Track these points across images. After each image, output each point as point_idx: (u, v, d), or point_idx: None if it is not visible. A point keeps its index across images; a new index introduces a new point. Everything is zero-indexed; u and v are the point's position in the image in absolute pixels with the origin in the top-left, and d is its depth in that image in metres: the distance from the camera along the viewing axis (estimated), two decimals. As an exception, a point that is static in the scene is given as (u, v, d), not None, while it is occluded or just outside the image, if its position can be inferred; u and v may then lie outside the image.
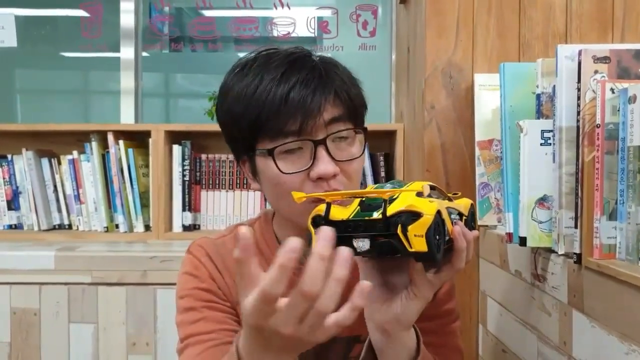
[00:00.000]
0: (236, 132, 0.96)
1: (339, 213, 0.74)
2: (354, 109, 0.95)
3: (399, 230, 0.69)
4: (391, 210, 0.70)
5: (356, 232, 0.72)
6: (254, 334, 0.71)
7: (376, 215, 0.71)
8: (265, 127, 0.90)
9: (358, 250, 0.72)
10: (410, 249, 0.71)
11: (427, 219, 0.70)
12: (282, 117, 0.88)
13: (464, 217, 0.89)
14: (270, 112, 0.89)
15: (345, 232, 0.72)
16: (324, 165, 0.89)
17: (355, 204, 0.75)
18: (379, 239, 0.72)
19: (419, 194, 0.75)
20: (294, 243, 0.63)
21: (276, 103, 0.88)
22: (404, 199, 0.72)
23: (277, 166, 0.91)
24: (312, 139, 0.90)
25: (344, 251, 0.65)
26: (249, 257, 0.65)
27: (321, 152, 0.90)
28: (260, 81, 0.91)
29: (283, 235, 1.06)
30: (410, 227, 0.69)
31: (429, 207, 0.71)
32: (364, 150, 1.00)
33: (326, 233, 0.65)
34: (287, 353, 0.72)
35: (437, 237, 0.73)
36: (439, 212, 0.73)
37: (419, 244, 0.70)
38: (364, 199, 0.75)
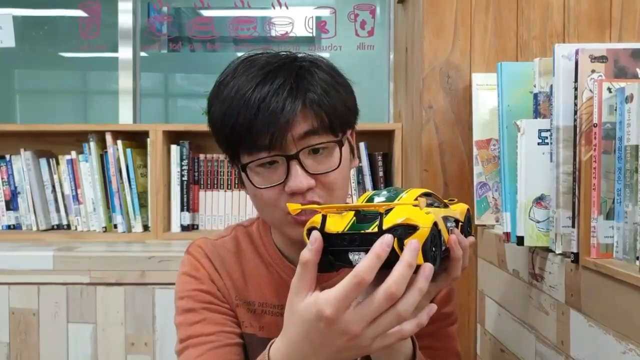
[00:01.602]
0: (220, 144, 0.96)
1: (335, 225, 0.73)
2: (331, 119, 0.91)
3: (395, 245, 0.69)
4: (387, 223, 0.70)
5: (352, 245, 0.72)
6: (312, 332, 0.72)
7: (372, 228, 0.71)
8: (240, 142, 0.90)
9: (354, 264, 0.72)
10: None
11: (424, 231, 0.70)
12: (254, 132, 0.87)
13: (460, 223, 0.89)
14: (242, 128, 0.88)
15: (341, 246, 0.72)
16: (297, 180, 0.88)
17: (350, 215, 0.74)
18: None
19: (416, 205, 0.75)
20: (388, 238, 0.68)
21: (247, 118, 0.87)
22: (400, 211, 0.71)
23: (250, 181, 0.92)
24: (284, 154, 0.89)
25: (428, 266, 0.70)
26: (317, 260, 0.71)
27: (294, 166, 0.89)
28: (236, 94, 0.90)
29: (278, 239, 1.06)
30: (406, 241, 0.69)
31: (425, 220, 0.71)
32: (354, 154, 1.00)
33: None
34: (337, 357, 0.74)
35: (434, 248, 0.73)
36: (435, 224, 0.73)
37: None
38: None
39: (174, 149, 2.20)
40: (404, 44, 1.96)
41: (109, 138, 2.16)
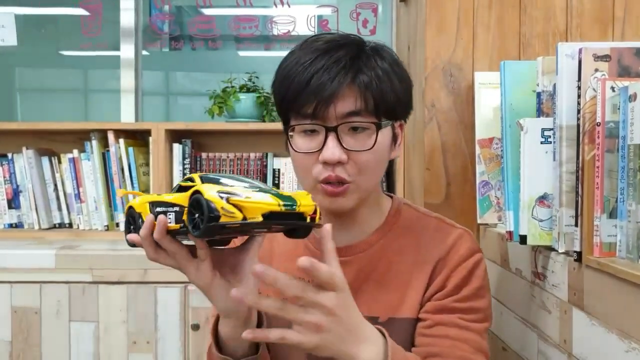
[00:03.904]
0: (276, 108, 1.04)
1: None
2: (377, 103, 0.96)
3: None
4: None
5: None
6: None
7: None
8: (289, 106, 0.98)
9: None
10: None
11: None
12: (302, 100, 0.95)
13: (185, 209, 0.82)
14: (293, 94, 0.96)
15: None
16: (329, 150, 0.95)
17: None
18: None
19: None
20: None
21: (299, 86, 0.95)
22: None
23: (290, 143, 1.00)
24: (325, 125, 0.95)
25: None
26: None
27: (330, 138, 0.95)
28: (296, 63, 0.97)
29: None
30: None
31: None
32: (396, 144, 1.06)
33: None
34: None
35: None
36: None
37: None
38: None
39: (176, 147, 2.19)
40: (406, 43, 1.95)
41: (111, 136, 2.16)
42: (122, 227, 2.18)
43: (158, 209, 0.83)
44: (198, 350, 1.79)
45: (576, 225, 0.95)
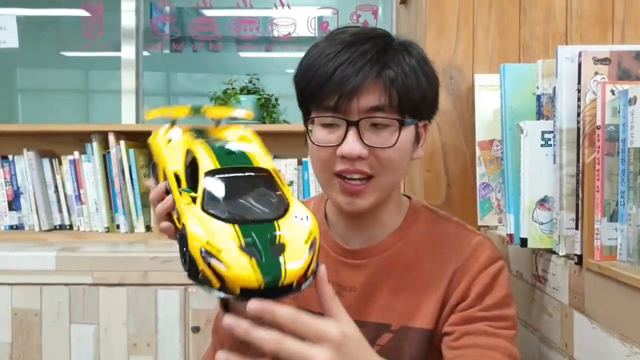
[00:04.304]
0: (297, 99, 1.01)
1: None
2: (401, 99, 0.93)
3: None
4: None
5: None
6: None
7: None
8: (311, 98, 0.95)
9: None
10: None
11: None
12: (324, 92, 0.92)
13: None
14: (315, 86, 0.93)
15: None
16: (349, 145, 0.91)
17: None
18: None
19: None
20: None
21: (322, 78, 0.92)
22: None
23: (309, 135, 0.97)
24: (346, 119, 0.92)
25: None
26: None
27: (351, 132, 0.92)
28: (320, 55, 0.94)
29: (331, 213, 1.07)
30: None
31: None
32: (419, 145, 1.01)
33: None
34: None
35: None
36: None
37: None
38: None
39: (177, 149, 2.19)
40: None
41: (111, 138, 2.16)
42: (122, 228, 2.18)
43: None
44: (198, 352, 1.79)
45: (577, 228, 0.95)
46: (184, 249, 0.69)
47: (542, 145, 1.04)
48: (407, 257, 1.02)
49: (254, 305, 0.64)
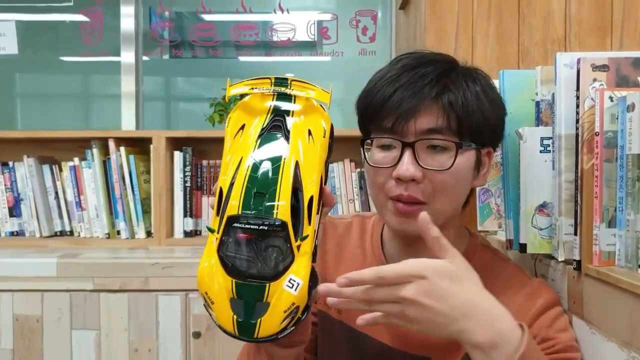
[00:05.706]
0: (358, 121, 1.00)
1: None
2: (461, 123, 0.91)
3: None
4: None
5: None
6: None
7: None
8: (370, 120, 0.95)
9: None
10: None
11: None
12: (382, 114, 0.92)
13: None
14: (374, 108, 0.93)
15: None
16: (404, 167, 0.90)
17: None
18: None
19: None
20: None
21: (382, 99, 0.92)
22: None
23: (365, 155, 0.97)
24: (402, 140, 0.91)
25: None
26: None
27: (406, 154, 0.91)
28: (381, 78, 0.95)
29: (386, 232, 1.06)
30: None
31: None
32: (480, 173, 0.98)
33: None
34: None
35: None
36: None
37: None
38: None
39: (177, 155, 2.20)
40: (405, 50, 1.95)
41: (111, 144, 2.17)
42: (123, 234, 2.18)
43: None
44: (199, 358, 1.79)
45: (575, 234, 0.95)
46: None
47: (541, 151, 1.04)
48: None
49: (342, 280, 0.76)
